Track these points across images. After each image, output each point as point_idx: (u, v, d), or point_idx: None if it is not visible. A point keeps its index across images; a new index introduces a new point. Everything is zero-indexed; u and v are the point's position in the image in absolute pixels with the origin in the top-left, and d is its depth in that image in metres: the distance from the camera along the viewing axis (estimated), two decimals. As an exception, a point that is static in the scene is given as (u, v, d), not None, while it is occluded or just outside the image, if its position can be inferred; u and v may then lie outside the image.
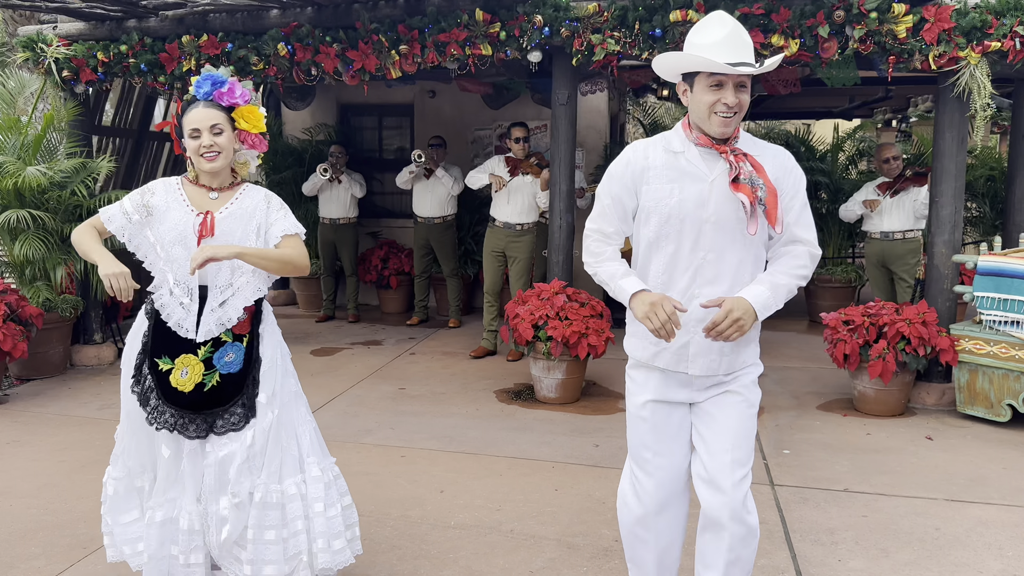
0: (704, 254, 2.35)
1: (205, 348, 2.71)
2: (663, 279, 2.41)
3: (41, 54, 6.33)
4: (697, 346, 2.39)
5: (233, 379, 2.73)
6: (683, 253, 2.37)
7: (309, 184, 8.07)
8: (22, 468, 4.41)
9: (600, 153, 8.71)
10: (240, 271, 2.75)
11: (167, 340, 2.72)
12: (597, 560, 3.36)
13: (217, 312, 2.72)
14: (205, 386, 2.71)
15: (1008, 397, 5.02)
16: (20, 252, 6.00)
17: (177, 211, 2.74)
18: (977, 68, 4.94)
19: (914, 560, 3.35)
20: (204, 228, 2.69)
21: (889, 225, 6.67)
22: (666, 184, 2.37)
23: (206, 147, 2.67)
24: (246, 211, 2.77)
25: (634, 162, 2.42)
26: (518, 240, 6.82)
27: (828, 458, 4.52)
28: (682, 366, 2.41)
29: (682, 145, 2.40)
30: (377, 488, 4.11)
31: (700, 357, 2.39)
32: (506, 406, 5.53)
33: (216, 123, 2.68)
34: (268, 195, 2.84)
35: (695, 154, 2.37)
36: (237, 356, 2.74)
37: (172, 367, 2.70)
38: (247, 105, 2.76)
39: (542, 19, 5.38)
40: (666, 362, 2.43)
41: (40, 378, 6.24)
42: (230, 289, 2.73)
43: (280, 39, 5.86)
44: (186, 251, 2.71)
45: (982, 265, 5.15)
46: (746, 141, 2.40)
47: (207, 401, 2.70)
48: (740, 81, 2.29)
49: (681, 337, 2.39)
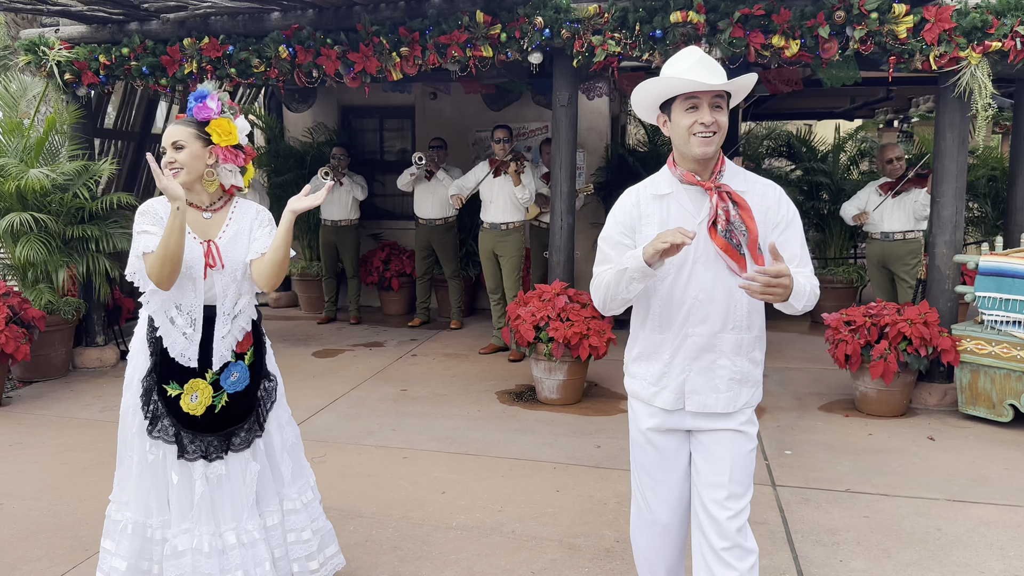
0: (696, 294, 2.36)
1: (212, 371, 2.71)
2: (659, 320, 2.43)
3: (43, 57, 6.34)
4: (692, 384, 2.40)
5: (239, 397, 2.75)
6: (676, 294, 2.38)
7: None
8: (24, 470, 4.42)
9: (601, 155, 8.72)
10: (243, 293, 2.76)
11: (173, 366, 2.70)
12: (599, 561, 3.36)
13: (227, 339, 2.73)
14: (215, 408, 2.71)
15: (1010, 397, 5.01)
16: (22, 254, 6.01)
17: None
18: (978, 68, 4.94)
19: (916, 560, 3.35)
20: (210, 258, 2.67)
21: (890, 226, 6.66)
22: (657, 229, 2.38)
23: (167, 163, 2.66)
24: (243, 231, 2.75)
25: (629, 210, 2.45)
26: (505, 239, 6.94)
27: (830, 459, 4.52)
28: (680, 403, 2.42)
29: (669, 186, 2.41)
30: (379, 489, 4.11)
31: (695, 395, 2.40)
32: (508, 407, 5.53)
33: (177, 139, 2.66)
34: (259, 210, 2.82)
35: (683, 195, 2.38)
36: (241, 375, 2.76)
37: (181, 392, 2.68)
38: (218, 117, 2.72)
39: (543, 21, 5.39)
40: (665, 402, 2.44)
41: (42, 380, 6.25)
42: (235, 309, 2.74)
43: (281, 41, 5.87)
44: (193, 283, 2.67)
45: (983, 265, 5.14)
46: (733, 174, 2.39)
47: (219, 422, 2.71)
48: (715, 102, 2.30)
49: (678, 376, 2.41)
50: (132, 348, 2.80)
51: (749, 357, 2.42)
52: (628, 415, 2.60)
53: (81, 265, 6.32)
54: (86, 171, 6.42)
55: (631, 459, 2.59)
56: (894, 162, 6.66)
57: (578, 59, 5.45)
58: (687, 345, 2.39)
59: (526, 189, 6.77)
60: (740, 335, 2.39)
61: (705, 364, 2.39)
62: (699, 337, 2.38)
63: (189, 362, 2.68)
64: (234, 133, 2.74)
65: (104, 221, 6.48)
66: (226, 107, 2.74)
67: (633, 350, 2.53)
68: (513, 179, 6.76)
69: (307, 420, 5.23)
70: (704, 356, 2.39)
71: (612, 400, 5.69)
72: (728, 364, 2.39)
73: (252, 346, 2.79)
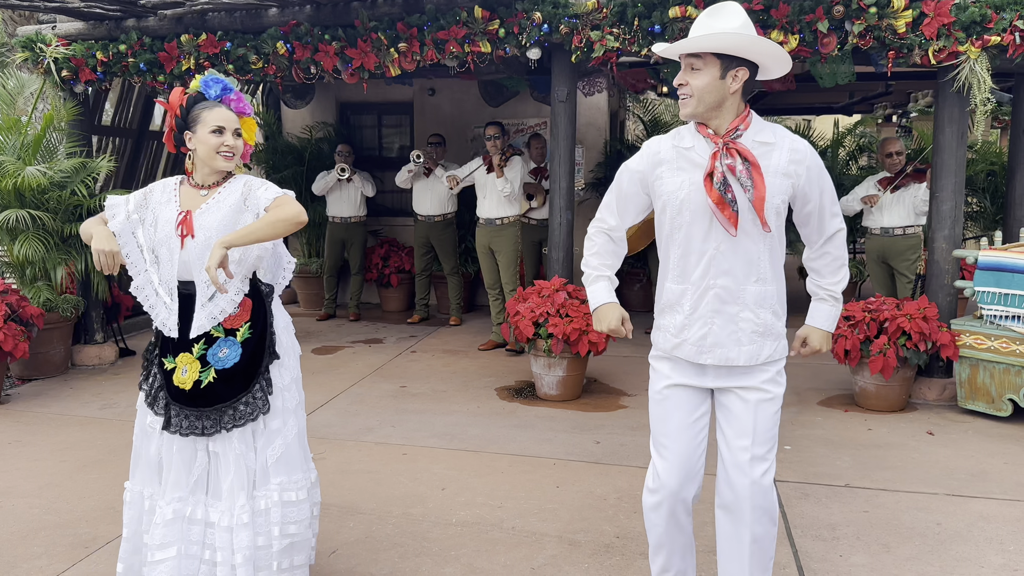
0: (716, 244, 2.37)
1: (199, 345, 2.73)
2: (678, 270, 2.45)
3: (40, 54, 6.33)
4: (715, 337, 2.41)
5: (228, 374, 2.72)
6: (695, 244, 2.40)
7: (320, 184, 8.07)
8: (24, 468, 4.41)
9: (600, 150, 8.71)
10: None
11: (168, 339, 2.77)
12: (598, 556, 3.36)
13: (208, 307, 2.73)
14: (202, 383, 2.72)
15: (1009, 392, 5.02)
16: (20, 252, 6.00)
17: (168, 211, 2.78)
18: (977, 63, 4.93)
19: (916, 555, 3.35)
20: (184, 226, 2.72)
21: (889, 221, 6.65)
22: (676, 176, 2.42)
23: (228, 146, 2.72)
24: (224, 202, 2.76)
25: (648, 157, 2.49)
26: (500, 234, 6.95)
27: (829, 454, 4.52)
28: (701, 357, 2.44)
29: (692, 139, 2.43)
30: (378, 486, 4.11)
31: (717, 348, 2.41)
32: (507, 403, 5.53)
33: (238, 127, 2.77)
34: (248, 179, 2.83)
35: (703, 147, 2.40)
36: (232, 351, 2.74)
37: (175, 366, 2.73)
38: (248, 117, 2.85)
39: (541, 16, 5.38)
40: (686, 353, 2.45)
41: (41, 378, 6.24)
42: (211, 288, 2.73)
43: (279, 38, 5.86)
44: (168, 251, 2.74)
45: (982, 260, 5.14)
46: (758, 130, 2.40)
47: (205, 398, 2.70)
48: (689, 63, 2.36)
49: (699, 329, 2.42)
50: None
51: (772, 309, 2.43)
52: (650, 376, 2.60)
53: (79, 262, 6.31)
54: (84, 168, 6.41)
55: (651, 427, 2.58)
56: (894, 156, 6.65)
57: (576, 54, 5.44)
58: (709, 296, 2.40)
59: (508, 183, 6.78)
60: (764, 287, 2.40)
61: (727, 316, 2.39)
62: (721, 289, 2.38)
63: (171, 332, 2.73)
64: (254, 134, 2.87)
65: None
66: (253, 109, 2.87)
67: (659, 301, 2.55)
68: (496, 172, 6.79)
69: (307, 417, 5.22)
70: (726, 308, 2.39)
71: (612, 396, 5.69)
72: (751, 316, 2.39)
73: (248, 323, 2.76)
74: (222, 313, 2.73)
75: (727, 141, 2.35)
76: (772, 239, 2.40)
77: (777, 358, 2.46)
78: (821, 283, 2.56)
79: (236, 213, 2.74)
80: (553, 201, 5.96)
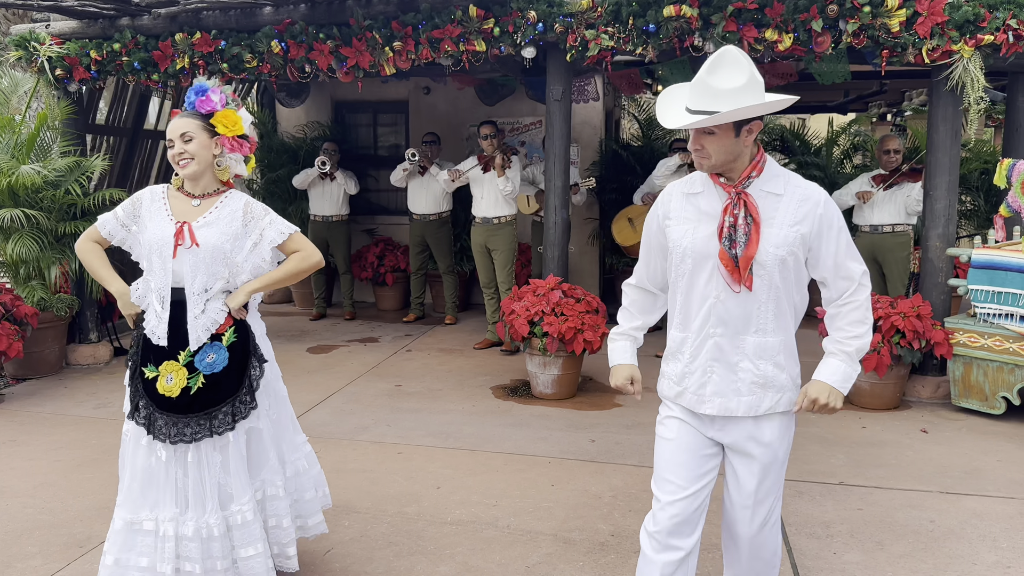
0: (716, 293, 2.33)
1: (185, 352, 2.75)
2: (680, 317, 2.44)
3: (34, 52, 6.31)
4: (714, 386, 2.38)
5: (217, 379, 2.76)
6: (696, 292, 2.38)
7: (300, 177, 8.05)
8: (18, 467, 4.40)
9: (595, 149, 8.71)
10: (214, 277, 2.79)
11: (151, 348, 2.77)
12: (593, 555, 3.37)
13: (201, 319, 2.76)
14: (191, 389, 2.74)
15: (1002, 389, 5.03)
16: (14, 251, 5.99)
17: (158, 221, 2.81)
18: (970, 62, 4.95)
19: (909, 552, 3.37)
20: (180, 237, 2.75)
21: (879, 219, 6.64)
22: (681, 225, 2.40)
23: (178, 154, 2.77)
24: (223, 219, 2.81)
25: (662, 204, 2.49)
26: (497, 233, 6.94)
27: (823, 452, 4.54)
28: (701, 407, 2.41)
29: (702, 185, 2.41)
30: (373, 485, 4.11)
31: (716, 398, 2.38)
32: (502, 402, 5.53)
33: (185, 131, 2.77)
34: (248, 202, 2.87)
35: (712, 194, 2.37)
36: (219, 356, 2.78)
37: (157, 375, 2.74)
38: (223, 109, 2.84)
39: (536, 15, 5.38)
40: (687, 402, 2.44)
41: (36, 377, 6.23)
42: (206, 294, 2.77)
43: (273, 36, 5.85)
44: (161, 261, 2.77)
45: (976, 258, 5.16)
46: (769, 178, 2.33)
47: (196, 404, 2.73)
48: (703, 128, 2.28)
49: (699, 377, 2.40)
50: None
51: (774, 361, 2.36)
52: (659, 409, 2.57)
53: (74, 262, 6.29)
54: (78, 167, 6.39)
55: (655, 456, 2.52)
56: (891, 153, 6.63)
57: (571, 53, 5.44)
58: (708, 345, 2.37)
59: (509, 182, 6.77)
60: (764, 338, 2.35)
61: (726, 366, 2.36)
62: (720, 338, 2.35)
63: (160, 341, 2.75)
64: (239, 123, 2.84)
65: (96, 217, 6.45)
66: (230, 100, 2.83)
67: (667, 349, 2.55)
68: (497, 171, 6.78)
69: (302, 416, 5.23)
70: (726, 357, 2.36)
71: (607, 395, 5.70)
72: (750, 367, 2.35)
73: (232, 327, 2.81)
74: (215, 324, 2.77)
75: (739, 191, 2.31)
76: (775, 291, 2.33)
77: (780, 410, 2.40)
78: (832, 337, 2.42)
79: (236, 239, 2.80)
80: (548, 200, 5.96)
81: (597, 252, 8.83)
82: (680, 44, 5.25)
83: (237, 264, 2.81)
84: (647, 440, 4.70)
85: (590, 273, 8.78)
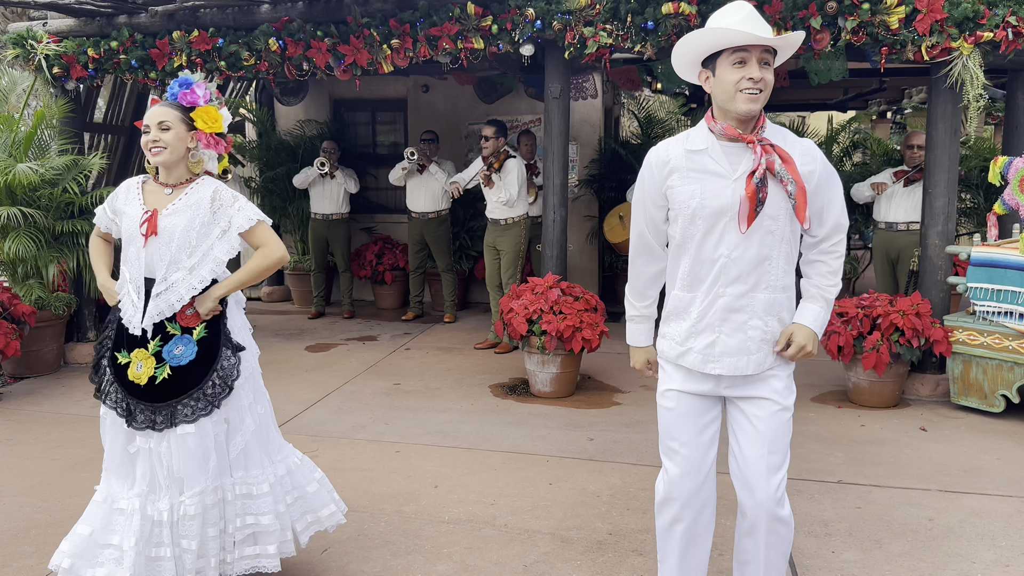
0: (728, 252, 2.32)
1: (155, 342, 2.78)
2: (688, 279, 2.41)
3: (31, 51, 6.30)
4: (723, 346, 2.37)
5: (184, 371, 2.78)
6: (706, 253, 2.35)
7: (300, 176, 8.05)
8: (15, 466, 4.40)
9: (594, 147, 8.70)
10: (174, 266, 2.79)
11: (125, 334, 2.81)
12: (591, 553, 3.36)
13: (156, 301, 2.78)
14: (156, 379, 2.76)
15: (1002, 387, 5.02)
16: (11, 250, 5.98)
17: (132, 210, 2.84)
18: (970, 59, 4.93)
19: (907, 551, 3.36)
20: (148, 225, 2.77)
21: (895, 215, 6.59)
22: (689, 185, 2.35)
23: (152, 141, 2.78)
24: (191, 206, 2.81)
25: (656, 165, 2.42)
26: (504, 234, 6.89)
27: (822, 450, 4.53)
28: (708, 367, 2.40)
29: (704, 142, 2.36)
30: (371, 484, 4.10)
31: (726, 357, 2.38)
32: (501, 401, 5.52)
33: (164, 120, 2.78)
34: (217, 189, 2.86)
35: (718, 151, 2.34)
36: (187, 349, 2.79)
37: (129, 361, 2.77)
38: (206, 105, 2.85)
39: (534, 12, 5.36)
40: (691, 362, 2.42)
41: (34, 376, 6.22)
42: (165, 283, 2.79)
43: (271, 34, 5.84)
44: (135, 250, 2.80)
45: (975, 256, 5.15)
46: (773, 132, 2.35)
47: (159, 394, 2.76)
48: (763, 58, 2.27)
49: (707, 337, 2.39)
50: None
51: (779, 317, 2.40)
52: (659, 376, 2.58)
53: (71, 260, 6.28)
54: (76, 165, 6.38)
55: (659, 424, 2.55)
56: (915, 149, 6.52)
57: (570, 51, 5.43)
58: (718, 305, 2.36)
59: (503, 190, 6.67)
60: (773, 294, 2.37)
61: (735, 325, 2.36)
62: (730, 297, 2.35)
63: (135, 329, 2.78)
64: (219, 121, 2.85)
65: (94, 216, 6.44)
66: (213, 96, 2.82)
67: (665, 308, 2.52)
68: (486, 183, 6.69)
69: (299, 415, 5.22)
70: (735, 316, 2.36)
71: (605, 393, 5.69)
72: (760, 324, 2.36)
73: (204, 322, 2.83)
74: (170, 308, 2.78)
75: (759, 138, 2.30)
76: (786, 244, 2.35)
77: (782, 366, 2.43)
78: (814, 282, 2.47)
79: (204, 225, 2.80)
80: (546, 198, 5.95)
81: (596, 250, 8.82)
82: (678, 41, 5.23)
83: (203, 251, 2.81)
84: (645, 438, 4.69)
85: (589, 271, 8.77)
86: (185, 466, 2.75)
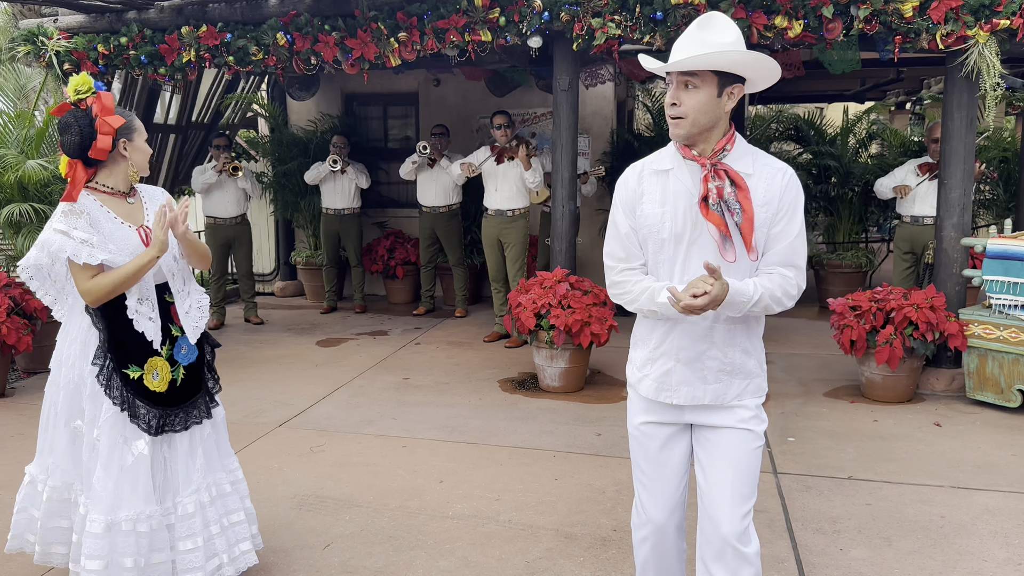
0: (689, 279, 2.22)
1: (166, 348, 2.80)
2: None
3: (42, 47, 6.32)
4: (680, 375, 2.30)
5: (194, 368, 2.88)
6: (674, 279, 2.27)
7: (312, 172, 8.05)
8: (24, 461, 4.39)
9: (606, 140, 8.63)
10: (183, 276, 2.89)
11: (128, 349, 2.73)
12: (595, 550, 3.32)
13: (192, 313, 2.87)
14: (177, 382, 2.81)
15: (1018, 382, 4.93)
16: (23, 246, 6.01)
17: (120, 231, 2.75)
18: (986, 47, 4.83)
19: (917, 549, 3.30)
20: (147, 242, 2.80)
21: (920, 210, 6.45)
22: (657, 208, 2.27)
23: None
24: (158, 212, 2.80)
25: (631, 186, 2.34)
26: (511, 226, 6.86)
27: (833, 445, 4.46)
28: (664, 395, 2.32)
29: (671, 161, 2.29)
30: (376, 479, 4.09)
31: (683, 386, 2.30)
32: (509, 395, 5.50)
33: None
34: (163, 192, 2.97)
35: (684, 171, 2.26)
36: (190, 348, 2.87)
37: (142, 373, 2.75)
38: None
39: (541, 4, 5.31)
40: (646, 390, 2.35)
41: (45, 371, 6.22)
42: (185, 289, 2.88)
43: (279, 28, 5.83)
44: None
45: (991, 248, 5.05)
46: (742, 155, 2.25)
47: (181, 395, 2.83)
48: (684, 80, 2.17)
49: (662, 365, 2.32)
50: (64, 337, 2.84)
51: (742, 348, 2.29)
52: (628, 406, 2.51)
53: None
54: (87, 162, 6.40)
55: (631, 452, 2.50)
56: (939, 142, 6.44)
57: (578, 42, 5.37)
58: (676, 332, 2.29)
59: (536, 173, 6.69)
60: (733, 324, 2.26)
61: (693, 354, 2.28)
62: (688, 324, 2.26)
63: (157, 345, 2.80)
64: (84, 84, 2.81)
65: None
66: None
67: (634, 334, 2.46)
68: (524, 163, 6.67)
69: (308, 409, 5.22)
70: (693, 346, 2.27)
71: (614, 388, 5.65)
72: (718, 355, 2.27)
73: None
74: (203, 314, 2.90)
75: (714, 162, 2.21)
76: (748, 270, 2.24)
77: (748, 397, 2.31)
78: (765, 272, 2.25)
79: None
80: (555, 191, 5.90)
81: (608, 244, 8.75)
82: (688, 32, 5.16)
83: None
84: (654, 434, 4.65)
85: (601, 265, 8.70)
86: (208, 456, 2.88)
